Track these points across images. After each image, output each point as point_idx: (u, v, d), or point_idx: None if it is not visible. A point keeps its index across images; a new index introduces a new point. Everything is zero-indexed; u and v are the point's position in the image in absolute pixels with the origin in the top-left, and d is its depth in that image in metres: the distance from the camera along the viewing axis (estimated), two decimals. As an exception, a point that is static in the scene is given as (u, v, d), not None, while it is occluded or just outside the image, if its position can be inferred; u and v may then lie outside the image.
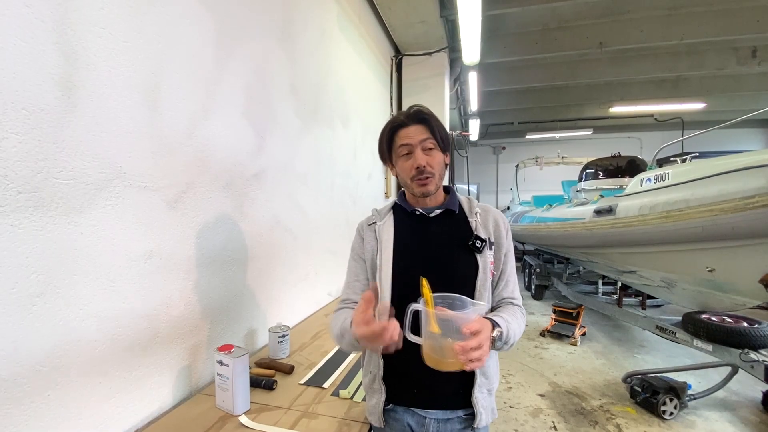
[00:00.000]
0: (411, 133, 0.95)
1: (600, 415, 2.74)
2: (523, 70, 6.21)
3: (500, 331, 0.81)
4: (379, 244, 0.99)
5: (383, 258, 0.96)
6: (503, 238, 1.00)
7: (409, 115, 0.97)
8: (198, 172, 1.26)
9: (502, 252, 0.99)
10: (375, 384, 0.96)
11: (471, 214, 1.01)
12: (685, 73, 6.28)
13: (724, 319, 2.74)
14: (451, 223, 1.00)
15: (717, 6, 4.39)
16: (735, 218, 2.15)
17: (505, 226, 1.01)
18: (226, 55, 1.39)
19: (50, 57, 0.80)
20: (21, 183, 0.75)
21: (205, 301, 1.30)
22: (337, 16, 2.53)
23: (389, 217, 1.03)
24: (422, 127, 0.96)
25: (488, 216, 1.01)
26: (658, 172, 2.94)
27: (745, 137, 9.53)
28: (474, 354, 0.70)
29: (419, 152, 0.94)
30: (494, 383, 0.99)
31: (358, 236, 1.06)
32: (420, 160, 0.94)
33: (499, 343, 0.82)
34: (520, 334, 0.93)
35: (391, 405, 0.98)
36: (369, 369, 0.99)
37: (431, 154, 0.96)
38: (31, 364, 0.78)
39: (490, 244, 0.97)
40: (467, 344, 0.70)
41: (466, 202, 1.05)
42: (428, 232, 0.99)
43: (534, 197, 8.12)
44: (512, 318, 0.90)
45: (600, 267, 4.57)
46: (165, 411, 1.11)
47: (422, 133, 0.95)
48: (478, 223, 0.98)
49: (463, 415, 0.96)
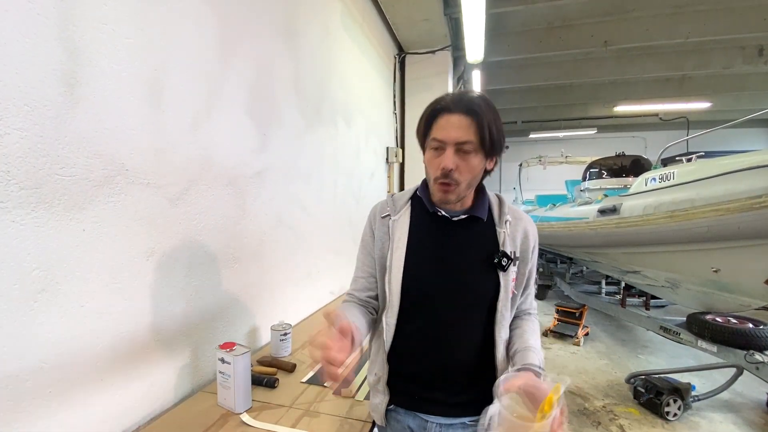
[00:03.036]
0: (451, 125, 0.78)
1: (603, 415, 2.72)
2: (526, 69, 6.17)
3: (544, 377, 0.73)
4: (391, 242, 0.88)
5: (394, 259, 0.87)
6: (529, 253, 0.89)
7: (458, 100, 0.79)
8: (200, 169, 1.26)
9: (526, 268, 0.89)
10: (379, 386, 0.94)
11: (500, 223, 0.88)
12: (691, 72, 6.22)
13: (729, 320, 2.72)
14: (476, 231, 0.87)
15: (723, 4, 4.34)
16: (741, 218, 2.13)
17: (534, 238, 0.90)
18: (230, 53, 1.38)
19: (53, 53, 0.80)
20: (23, 179, 0.75)
21: (207, 299, 1.30)
22: (341, 14, 2.53)
23: (406, 212, 0.91)
24: (468, 120, 0.77)
25: (518, 226, 0.89)
26: (663, 172, 2.92)
27: (751, 137, 9.46)
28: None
29: (450, 153, 0.78)
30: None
31: (369, 227, 0.95)
32: (448, 162, 0.78)
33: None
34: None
35: (393, 406, 0.95)
36: (374, 370, 0.95)
37: (466, 159, 0.79)
38: (33, 360, 0.78)
39: (515, 260, 0.86)
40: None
41: (496, 206, 0.91)
42: (448, 239, 0.87)
43: (537, 197, 8.09)
44: (537, 340, 0.86)
45: (603, 267, 4.55)
46: (167, 408, 1.11)
47: (464, 128, 0.77)
48: (507, 235, 0.86)
49: (468, 421, 0.92)
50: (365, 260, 0.95)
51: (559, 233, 4.68)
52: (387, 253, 0.89)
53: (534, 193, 8.67)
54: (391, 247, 0.88)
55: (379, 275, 0.92)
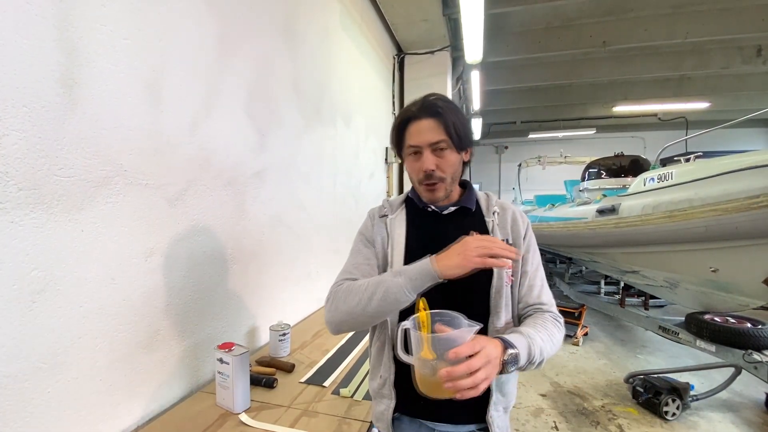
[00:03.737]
0: (422, 130, 0.85)
1: (602, 415, 2.73)
2: (526, 69, 6.19)
3: (514, 353, 0.69)
4: (390, 239, 0.91)
5: (395, 254, 0.89)
6: (521, 238, 0.90)
7: (422, 107, 0.86)
8: (199, 169, 1.26)
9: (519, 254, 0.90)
10: (384, 389, 0.89)
11: (488, 213, 0.92)
12: (690, 73, 6.24)
13: (728, 319, 2.73)
14: (466, 222, 0.91)
15: (722, 4, 4.36)
16: (739, 218, 2.14)
17: (524, 223, 0.92)
18: (228, 53, 1.39)
19: (51, 54, 0.80)
20: (21, 180, 0.75)
21: (206, 299, 1.30)
22: (340, 15, 2.53)
23: (401, 212, 0.95)
24: (435, 123, 0.84)
25: (506, 215, 0.93)
26: (662, 172, 2.92)
27: (749, 137, 9.48)
28: (465, 383, 0.61)
29: (428, 154, 0.85)
30: (511, 401, 0.90)
31: (369, 222, 0.97)
32: (428, 163, 0.84)
33: (512, 366, 0.69)
34: (554, 348, 0.79)
35: (398, 414, 0.90)
36: (379, 373, 0.91)
37: (443, 156, 0.85)
38: (32, 361, 0.78)
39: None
40: (453, 371, 0.61)
41: (484, 200, 0.96)
42: (440, 232, 0.90)
43: (536, 197, 8.09)
44: (538, 331, 0.77)
45: (602, 267, 4.56)
46: (165, 408, 1.11)
47: (434, 130, 0.84)
48: (495, 224, 0.90)
49: (476, 429, 0.89)
50: (367, 251, 0.93)
51: (558, 233, 4.69)
52: (387, 250, 0.91)
53: (533, 193, 8.69)
54: (390, 243, 0.91)
55: (381, 270, 0.91)
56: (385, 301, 0.77)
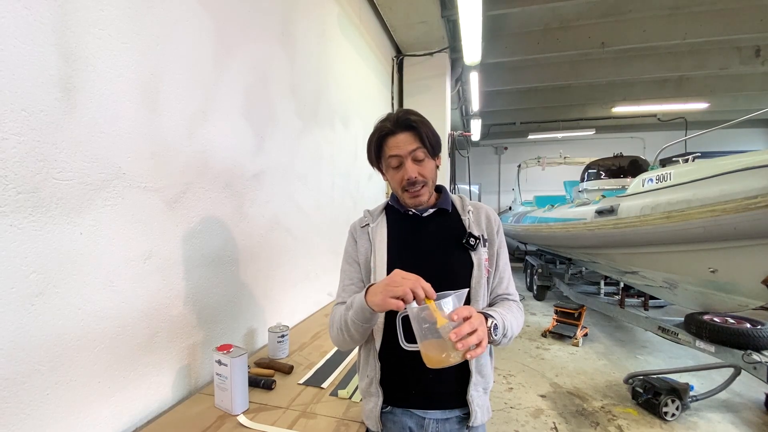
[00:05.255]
0: (400, 143, 0.93)
1: (601, 416, 2.73)
2: (524, 70, 6.20)
3: (494, 322, 0.82)
4: (372, 246, 0.98)
5: (377, 260, 0.96)
6: (494, 234, 1.00)
7: (397, 122, 0.94)
8: (197, 172, 1.27)
9: (494, 248, 0.99)
10: (372, 387, 0.96)
11: (464, 212, 1.01)
12: (688, 73, 6.25)
13: (727, 320, 2.73)
14: (445, 222, 1.00)
15: (720, 5, 4.37)
16: (737, 218, 2.14)
17: (496, 222, 1.02)
18: (226, 56, 1.39)
19: (50, 58, 0.81)
20: (20, 183, 0.76)
21: (205, 301, 1.30)
22: (338, 17, 2.54)
23: (382, 219, 1.03)
24: (411, 136, 0.93)
25: (480, 213, 1.02)
26: (660, 172, 2.93)
27: (748, 137, 9.47)
28: (471, 339, 0.71)
29: (410, 164, 0.93)
30: (489, 382, 0.99)
31: (351, 238, 1.05)
32: (411, 172, 0.93)
33: (497, 334, 0.83)
34: (518, 327, 0.93)
35: (389, 407, 0.97)
36: (366, 373, 0.98)
37: (422, 164, 0.95)
38: (31, 363, 0.79)
39: (484, 241, 0.97)
40: (460, 329, 0.71)
41: (458, 201, 1.05)
42: (422, 232, 0.99)
43: (536, 197, 8.11)
44: (506, 311, 0.91)
45: (602, 267, 4.56)
46: (164, 410, 1.11)
47: (411, 142, 0.93)
48: (471, 221, 0.99)
49: (461, 414, 0.96)
50: (351, 270, 1.02)
51: (557, 234, 4.69)
52: (370, 257, 0.98)
53: (533, 193, 8.70)
54: (373, 250, 0.98)
55: (365, 279, 0.99)
56: (354, 329, 0.87)
